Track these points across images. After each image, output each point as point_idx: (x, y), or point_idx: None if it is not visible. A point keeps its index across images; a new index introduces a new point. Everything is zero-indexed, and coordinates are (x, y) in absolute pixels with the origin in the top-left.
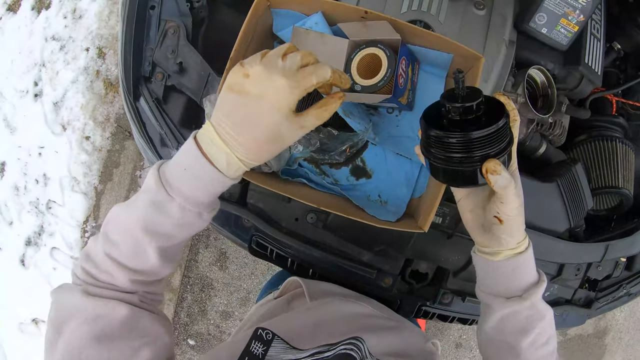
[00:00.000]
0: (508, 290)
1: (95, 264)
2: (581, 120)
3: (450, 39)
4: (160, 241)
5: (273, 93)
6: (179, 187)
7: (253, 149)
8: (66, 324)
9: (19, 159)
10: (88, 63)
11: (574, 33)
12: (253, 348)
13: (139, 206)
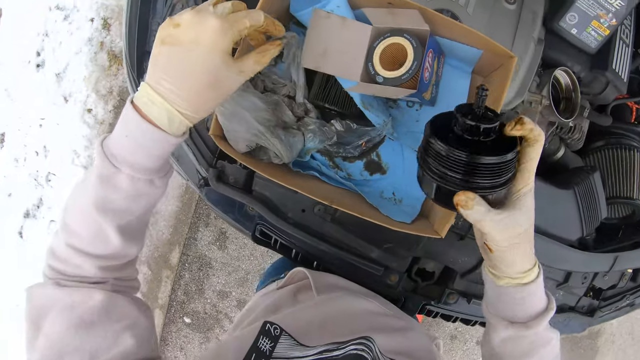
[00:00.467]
0: (513, 315)
1: (59, 258)
2: (599, 127)
3: (482, 34)
4: (117, 218)
5: (207, 36)
6: (124, 156)
7: (194, 99)
8: (43, 317)
9: (19, 130)
10: (92, 34)
11: (604, 37)
12: (261, 344)
13: (89, 186)
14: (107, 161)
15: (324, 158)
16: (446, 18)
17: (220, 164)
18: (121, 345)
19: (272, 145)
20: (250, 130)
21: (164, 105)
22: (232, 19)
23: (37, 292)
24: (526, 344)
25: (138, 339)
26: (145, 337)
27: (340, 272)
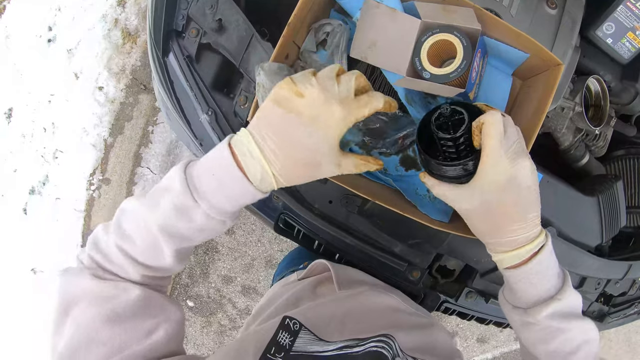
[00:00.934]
0: (514, 298)
1: (105, 255)
2: (620, 136)
3: (531, 38)
4: (178, 243)
5: (327, 119)
6: (206, 194)
7: (290, 170)
8: (76, 304)
9: (28, 105)
10: (107, 10)
11: (638, 48)
12: (280, 338)
13: (162, 207)
14: (188, 194)
15: (362, 152)
16: (496, 18)
17: None
18: (151, 338)
19: None
20: None
21: (261, 163)
22: (355, 107)
23: (72, 280)
24: (537, 330)
25: (168, 334)
26: (175, 333)
27: (363, 266)
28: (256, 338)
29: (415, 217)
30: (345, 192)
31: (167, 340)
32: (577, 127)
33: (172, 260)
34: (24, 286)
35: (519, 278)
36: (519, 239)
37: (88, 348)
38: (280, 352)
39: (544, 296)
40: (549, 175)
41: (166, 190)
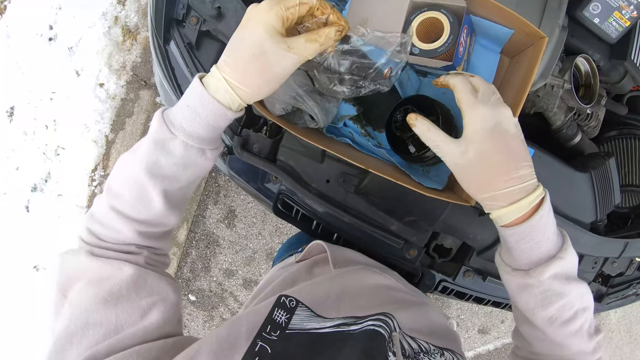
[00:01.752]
0: (511, 260)
1: (99, 221)
2: (613, 116)
3: (515, 13)
4: (165, 183)
5: (254, 12)
6: (181, 124)
7: (241, 71)
8: (71, 286)
9: (29, 103)
10: (107, 8)
11: (625, 28)
12: (276, 316)
13: (142, 148)
14: (165, 127)
15: (356, 126)
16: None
17: (245, 132)
18: (147, 320)
19: (309, 108)
20: (289, 93)
21: (217, 76)
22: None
23: (69, 259)
24: (535, 294)
25: (164, 316)
26: (171, 313)
27: (361, 244)
28: (250, 317)
29: (409, 186)
30: (342, 170)
31: (162, 322)
32: (568, 106)
33: (162, 206)
34: (27, 283)
35: (520, 236)
36: (514, 191)
37: (84, 331)
38: (275, 331)
39: (545, 255)
40: (541, 150)
41: (147, 134)
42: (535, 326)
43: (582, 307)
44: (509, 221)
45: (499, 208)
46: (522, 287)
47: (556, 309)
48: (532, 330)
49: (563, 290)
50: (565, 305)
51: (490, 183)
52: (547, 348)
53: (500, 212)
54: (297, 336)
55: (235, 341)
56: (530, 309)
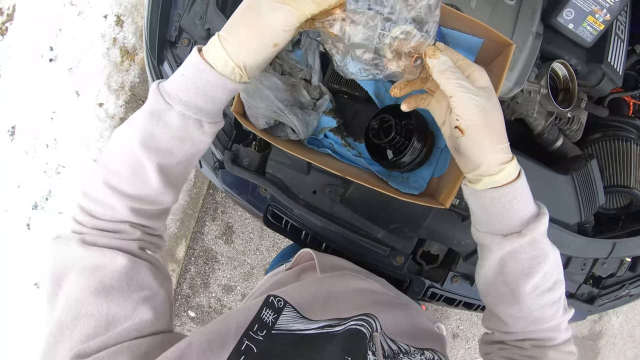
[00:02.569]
0: (504, 226)
1: (92, 198)
2: (597, 119)
3: (483, 23)
4: (160, 157)
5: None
6: (177, 94)
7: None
8: (65, 276)
9: (30, 122)
10: (105, 30)
11: (599, 31)
12: (264, 315)
13: (137, 120)
14: (160, 97)
15: (336, 137)
16: (450, 9)
17: (235, 147)
18: (137, 317)
19: (290, 121)
20: (271, 108)
21: (217, 45)
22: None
23: (61, 249)
24: (524, 259)
25: (156, 312)
26: (163, 310)
27: (348, 253)
28: (239, 315)
29: (387, 192)
30: (327, 181)
31: (154, 320)
32: (548, 111)
33: (158, 181)
34: (28, 300)
35: (515, 194)
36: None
37: (75, 322)
38: (262, 330)
39: (532, 212)
40: (520, 155)
41: (137, 112)
42: (517, 299)
43: (559, 279)
44: (514, 175)
45: (508, 161)
46: (511, 255)
47: (540, 276)
48: (511, 306)
49: (548, 253)
50: (546, 274)
51: (503, 133)
52: (524, 324)
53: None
54: (283, 336)
55: (225, 338)
56: (515, 279)
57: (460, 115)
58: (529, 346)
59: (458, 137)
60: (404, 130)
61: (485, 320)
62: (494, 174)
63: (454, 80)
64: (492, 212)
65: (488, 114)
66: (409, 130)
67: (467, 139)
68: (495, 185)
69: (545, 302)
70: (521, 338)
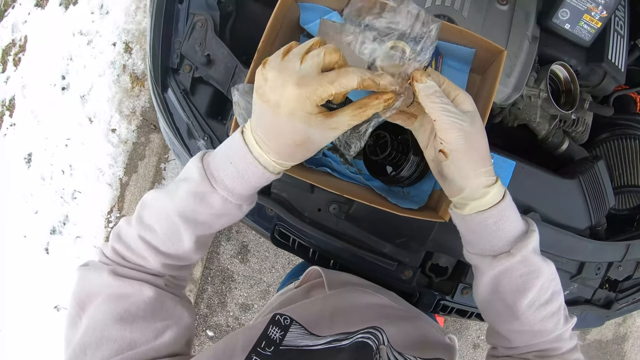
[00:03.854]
0: (493, 246)
1: (127, 245)
2: (604, 118)
3: (473, 33)
4: (198, 229)
5: (286, 102)
6: (223, 180)
7: (284, 153)
8: (91, 300)
9: (46, 149)
10: (115, 57)
11: (597, 29)
12: (270, 332)
13: (180, 195)
14: (207, 181)
15: (335, 155)
16: (441, 21)
17: None
18: (158, 339)
19: None
20: None
21: (259, 152)
22: (316, 85)
23: (91, 275)
24: (516, 277)
25: (175, 337)
26: (183, 335)
27: (356, 269)
28: (246, 334)
29: (386, 208)
30: (332, 198)
31: (172, 343)
32: (551, 114)
33: (192, 247)
34: (48, 324)
35: (501, 215)
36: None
37: (98, 344)
38: (270, 347)
39: (520, 231)
40: (522, 162)
41: (184, 181)
42: (515, 316)
43: (557, 290)
44: (499, 198)
45: (492, 184)
46: (504, 274)
47: (536, 291)
48: (511, 322)
49: (540, 268)
50: (542, 288)
51: (486, 157)
52: (526, 338)
53: (495, 188)
54: (291, 352)
55: (231, 355)
56: (511, 296)
57: (444, 139)
58: (533, 357)
59: (442, 161)
60: (401, 145)
61: (488, 337)
62: (478, 198)
63: (439, 104)
64: (480, 235)
65: (472, 137)
66: (406, 145)
67: (450, 162)
68: (481, 209)
69: (545, 315)
70: (525, 352)
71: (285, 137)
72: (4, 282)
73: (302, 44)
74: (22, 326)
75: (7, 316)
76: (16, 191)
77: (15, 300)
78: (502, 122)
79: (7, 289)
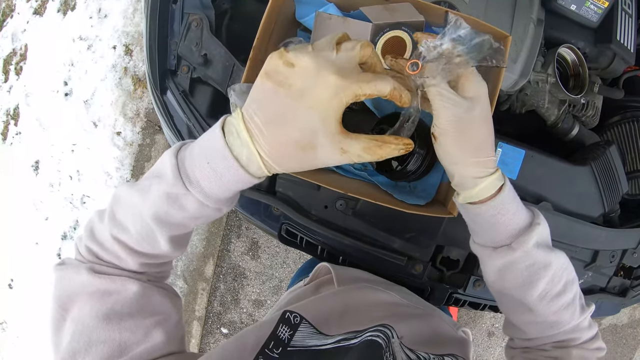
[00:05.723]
0: (494, 239)
1: (101, 245)
2: (614, 101)
3: (475, 19)
4: (173, 230)
5: (319, 92)
6: (199, 182)
7: (279, 151)
8: (73, 301)
9: (52, 156)
10: (116, 60)
11: (604, 9)
12: (280, 332)
13: (152, 195)
14: (180, 182)
15: None
16: (439, 7)
17: None
18: (150, 340)
19: None
20: None
21: (247, 144)
22: (355, 79)
23: (69, 275)
24: (521, 270)
25: (168, 335)
26: (175, 332)
27: (365, 265)
28: (256, 332)
29: (391, 205)
30: (338, 195)
31: (166, 343)
32: (560, 99)
33: (168, 248)
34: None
35: (500, 207)
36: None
37: (87, 349)
38: (278, 347)
39: (523, 224)
40: (532, 150)
41: (158, 177)
42: (528, 308)
43: (570, 279)
44: (492, 191)
45: (486, 176)
46: (507, 267)
47: (545, 282)
48: (524, 314)
49: (547, 260)
50: (553, 278)
51: (481, 147)
52: (541, 330)
53: (487, 181)
54: (299, 353)
55: (241, 356)
56: (519, 289)
57: (435, 121)
58: (551, 347)
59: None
60: None
61: (505, 328)
62: (468, 188)
63: (434, 87)
64: (480, 225)
65: (464, 125)
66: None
67: (439, 146)
68: (473, 201)
69: (559, 306)
70: (542, 343)
71: (291, 132)
72: (20, 290)
73: (331, 36)
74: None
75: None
76: (26, 199)
77: (30, 308)
78: (509, 109)
79: (22, 297)
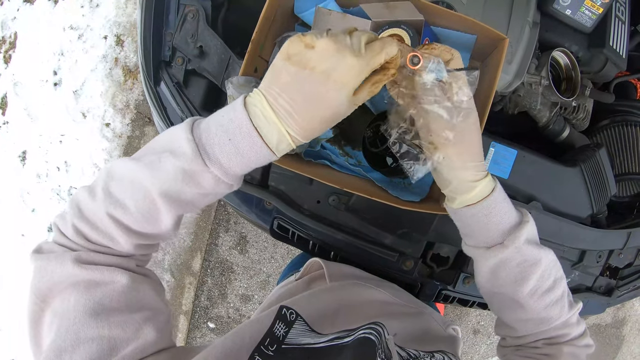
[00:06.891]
0: (487, 239)
1: (92, 224)
2: (605, 105)
3: (474, 20)
4: (181, 209)
5: (342, 73)
6: (219, 159)
7: (308, 127)
8: (53, 292)
9: (40, 147)
10: (106, 51)
11: (599, 15)
12: (276, 329)
13: (166, 170)
14: (199, 159)
15: (334, 147)
16: (439, 7)
17: None
18: (142, 337)
19: None
20: None
21: (276, 126)
22: (370, 56)
23: (52, 267)
24: (513, 267)
25: (159, 331)
26: (165, 327)
27: (356, 260)
28: (253, 328)
29: (386, 201)
30: (331, 190)
31: (157, 339)
32: (552, 102)
33: (171, 227)
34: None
35: (491, 208)
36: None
37: (74, 347)
38: (272, 345)
39: (514, 222)
40: (524, 150)
41: (171, 154)
42: (519, 305)
43: (559, 276)
44: (487, 192)
45: (480, 179)
46: (500, 265)
47: (536, 279)
48: (515, 312)
49: (537, 256)
50: (543, 275)
51: (476, 152)
52: (532, 327)
53: (481, 183)
54: (293, 351)
55: (238, 352)
56: (511, 286)
57: (433, 131)
58: (542, 345)
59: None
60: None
61: (496, 327)
62: (465, 192)
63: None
64: (473, 227)
65: (462, 132)
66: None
67: (440, 154)
68: (470, 203)
69: (548, 302)
70: (533, 340)
71: (320, 110)
72: (4, 283)
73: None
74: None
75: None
76: (12, 190)
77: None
78: (502, 110)
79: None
